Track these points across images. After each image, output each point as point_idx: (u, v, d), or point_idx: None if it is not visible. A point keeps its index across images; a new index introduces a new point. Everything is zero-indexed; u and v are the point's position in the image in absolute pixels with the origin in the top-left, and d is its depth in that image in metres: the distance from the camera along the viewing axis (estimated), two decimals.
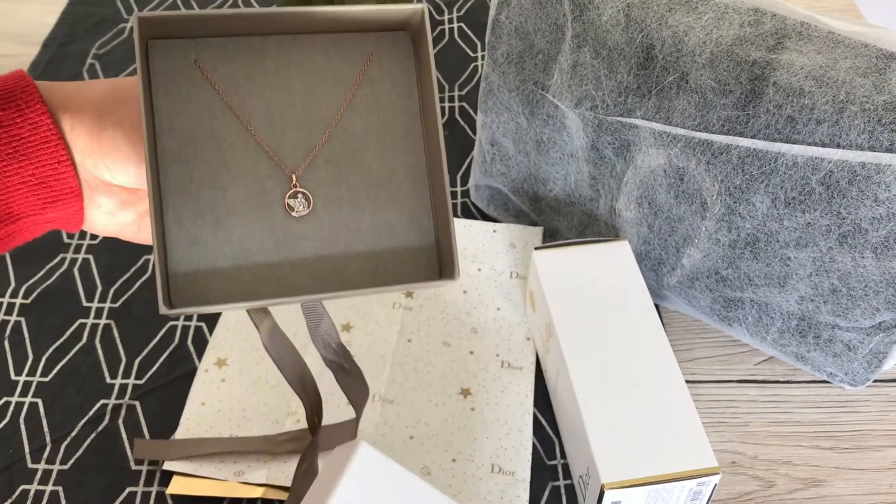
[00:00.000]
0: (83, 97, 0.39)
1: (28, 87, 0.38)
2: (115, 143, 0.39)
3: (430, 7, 0.85)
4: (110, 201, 0.41)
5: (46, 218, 0.39)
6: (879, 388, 0.57)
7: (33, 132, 0.38)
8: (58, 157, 0.38)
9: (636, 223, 0.56)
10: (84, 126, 0.39)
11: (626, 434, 0.46)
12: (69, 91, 0.40)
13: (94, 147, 0.39)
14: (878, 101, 0.44)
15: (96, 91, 0.40)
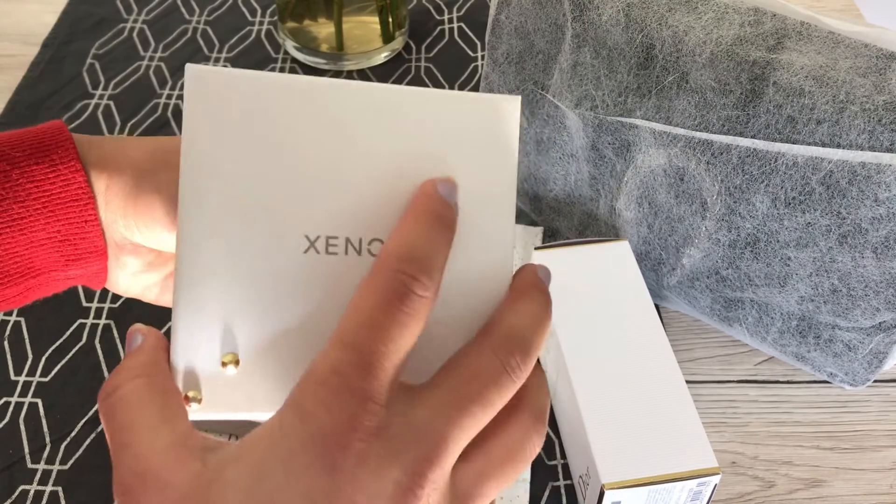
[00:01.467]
0: (123, 157, 0.38)
1: (65, 141, 0.37)
2: (150, 207, 0.37)
3: (430, 7, 0.86)
4: (137, 261, 0.40)
5: (68, 275, 0.38)
6: (880, 388, 0.57)
7: (64, 189, 0.37)
8: (86, 217, 0.37)
9: (636, 223, 0.56)
10: (121, 187, 0.38)
11: (626, 434, 0.46)
12: (109, 149, 0.38)
13: (129, 209, 0.38)
14: (879, 101, 0.44)
15: (137, 151, 0.39)
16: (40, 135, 0.37)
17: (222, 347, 0.30)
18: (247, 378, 0.30)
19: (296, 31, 0.78)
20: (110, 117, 0.74)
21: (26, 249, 0.36)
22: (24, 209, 0.36)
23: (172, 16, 0.84)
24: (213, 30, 0.83)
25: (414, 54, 0.80)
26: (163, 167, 0.38)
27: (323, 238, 0.31)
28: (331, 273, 0.30)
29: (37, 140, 0.37)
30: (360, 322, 0.27)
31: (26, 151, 0.36)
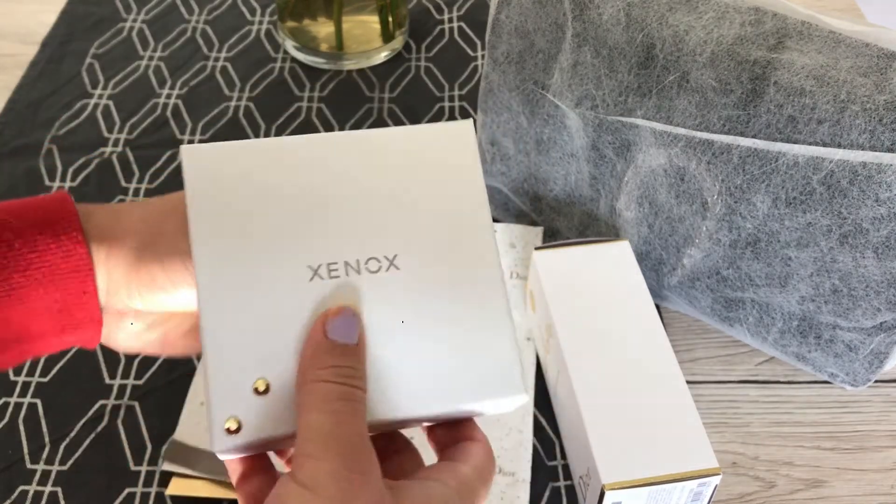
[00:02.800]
0: (121, 228, 0.38)
1: (69, 214, 0.37)
2: (152, 276, 0.38)
3: (430, 6, 0.85)
4: (139, 323, 0.40)
5: (63, 340, 0.39)
6: (881, 388, 0.57)
7: (66, 260, 0.37)
8: (85, 288, 0.37)
9: (636, 223, 0.56)
10: (121, 259, 0.38)
11: (626, 434, 0.46)
12: (106, 220, 0.39)
13: (132, 278, 0.38)
14: (880, 100, 0.44)
15: (133, 221, 0.39)
16: (45, 205, 0.38)
17: (252, 375, 0.33)
18: (280, 399, 0.33)
19: (295, 31, 0.78)
20: (109, 117, 0.73)
21: (24, 317, 0.37)
22: (25, 278, 0.36)
23: (172, 15, 0.84)
24: (213, 29, 0.82)
25: (414, 54, 0.80)
26: (160, 237, 0.38)
27: (324, 266, 0.35)
28: (337, 293, 0.34)
29: (41, 210, 0.37)
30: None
31: (29, 221, 0.37)
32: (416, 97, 0.76)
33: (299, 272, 0.34)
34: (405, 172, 0.37)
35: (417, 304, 0.35)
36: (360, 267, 0.35)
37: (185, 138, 0.72)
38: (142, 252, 0.38)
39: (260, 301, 0.34)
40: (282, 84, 0.77)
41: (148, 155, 0.70)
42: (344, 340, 0.33)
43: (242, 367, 0.33)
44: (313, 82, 0.77)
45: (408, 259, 0.35)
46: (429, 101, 0.76)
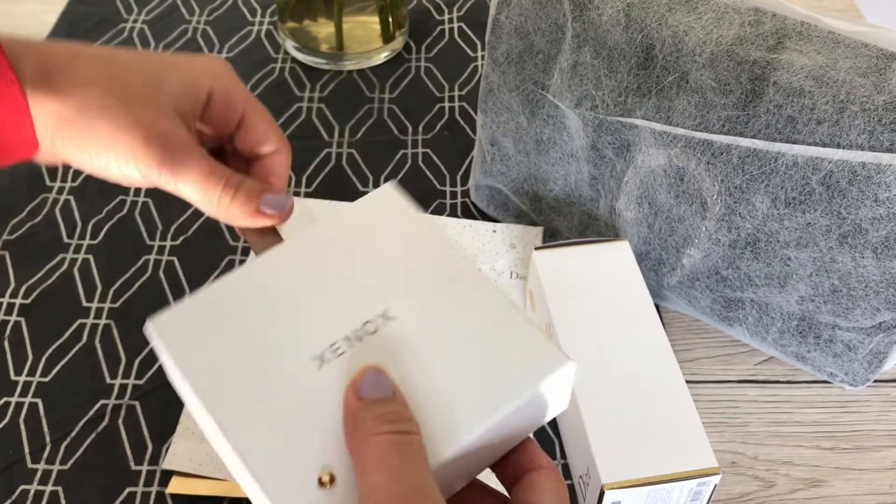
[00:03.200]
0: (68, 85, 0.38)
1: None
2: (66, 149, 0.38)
3: (430, 6, 0.86)
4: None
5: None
6: (880, 388, 0.57)
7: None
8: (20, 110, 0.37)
9: (636, 223, 0.56)
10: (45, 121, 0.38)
11: (626, 434, 0.46)
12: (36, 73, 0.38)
13: (49, 141, 0.38)
14: (879, 100, 0.44)
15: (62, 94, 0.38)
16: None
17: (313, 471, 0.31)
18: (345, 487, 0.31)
19: (296, 31, 0.78)
20: None
21: None
22: None
23: (172, 16, 0.84)
24: (213, 30, 0.83)
25: (414, 54, 0.80)
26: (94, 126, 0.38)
27: (327, 349, 0.34)
28: (350, 367, 0.34)
29: None
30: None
31: None
32: (416, 97, 0.76)
33: (306, 367, 0.34)
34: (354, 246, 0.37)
35: (426, 336, 0.35)
36: (362, 335, 0.35)
37: None
38: (62, 125, 0.38)
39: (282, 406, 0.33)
40: (282, 84, 0.77)
41: None
42: (379, 395, 0.32)
43: (297, 467, 0.31)
44: (313, 83, 0.77)
45: (397, 306, 0.36)
46: (429, 101, 0.76)
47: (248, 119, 0.42)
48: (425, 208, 0.67)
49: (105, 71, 0.39)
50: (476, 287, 0.36)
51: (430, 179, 0.69)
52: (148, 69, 0.40)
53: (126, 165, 0.38)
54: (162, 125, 0.39)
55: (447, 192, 0.68)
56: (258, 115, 0.42)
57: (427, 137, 0.73)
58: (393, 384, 0.32)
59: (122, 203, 0.67)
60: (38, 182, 0.68)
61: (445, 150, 0.72)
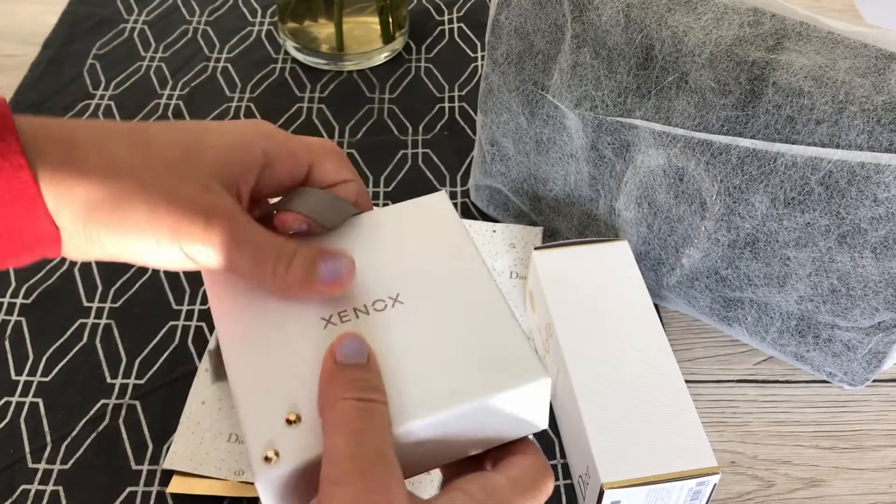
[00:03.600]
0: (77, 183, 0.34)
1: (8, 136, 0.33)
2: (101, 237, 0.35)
3: (430, 7, 0.86)
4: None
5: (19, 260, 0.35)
6: (879, 387, 0.57)
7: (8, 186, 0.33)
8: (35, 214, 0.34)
9: (636, 223, 0.56)
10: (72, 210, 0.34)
11: (625, 434, 0.46)
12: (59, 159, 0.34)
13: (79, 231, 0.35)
14: (878, 101, 0.44)
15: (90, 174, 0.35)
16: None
17: (283, 409, 0.35)
18: (311, 426, 0.34)
19: (296, 32, 0.78)
20: (111, 117, 0.74)
21: None
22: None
23: (173, 16, 0.84)
24: (214, 30, 0.83)
25: (414, 55, 0.81)
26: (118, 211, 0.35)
27: (335, 314, 0.38)
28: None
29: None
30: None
31: None
32: (416, 98, 0.76)
33: (313, 322, 0.37)
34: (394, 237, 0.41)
35: (424, 324, 0.37)
36: (368, 309, 0.38)
37: None
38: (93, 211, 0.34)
39: (280, 349, 0.36)
40: (282, 85, 0.77)
41: None
42: (354, 360, 0.33)
43: (272, 403, 0.35)
44: (314, 83, 0.77)
45: (409, 294, 0.38)
46: (429, 101, 0.76)
47: (317, 165, 0.40)
48: None
49: (137, 146, 0.36)
50: (487, 295, 0.38)
51: (430, 179, 0.70)
52: (185, 139, 0.37)
53: (169, 248, 0.35)
54: (205, 199, 0.35)
55: (447, 193, 0.69)
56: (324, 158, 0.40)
57: (427, 138, 0.73)
58: (369, 352, 0.34)
59: None
60: None
61: (445, 150, 0.72)
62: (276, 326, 0.37)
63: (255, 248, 0.36)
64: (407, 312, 0.38)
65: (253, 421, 0.34)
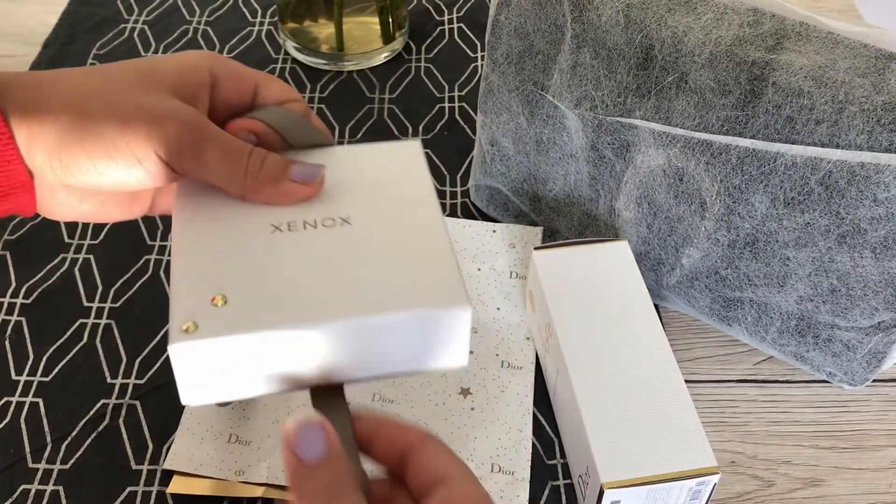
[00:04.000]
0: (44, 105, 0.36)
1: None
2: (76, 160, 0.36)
3: (430, 7, 0.86)
4: (71, 196, 0.39)
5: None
6: (879, 387, 0.57)
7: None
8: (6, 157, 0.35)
9: (636, 223, 0.56)
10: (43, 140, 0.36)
11: (625, 434, 0.46)
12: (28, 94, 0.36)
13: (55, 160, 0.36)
14: (878, 101, 0.44)
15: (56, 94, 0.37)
16: None
17: (212, 291, 0.37)
18: (235, 310, 0.36)
19: (296, 32, 0.78)
20: None
21: None
22: None
23: (173, 16, 0.84)
24: (214, 30, 0.83)
25: (414, 55, 0.81)
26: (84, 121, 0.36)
27: (285, 224, 0.39)
28: (293, 241, 0.39)
29: None
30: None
31: None
32: (416, 98, 0.76)
33: (263, 227, 0.39)
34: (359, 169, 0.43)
35: (365, 245, 0.39)
36: (316, 224, 0.40)
37: None
38: (65, 136, 0.36)
39: (222, 242, 0.39)
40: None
41: None
42: (314, 455, 0.32)
43: (203, 284, 0.37)
44: (314, 83, 0.78)
45: (358, 218, 0.40)
46: (429, 101, 0.76)
47: (262, 85, 0.41)
48: None
49: (95, 75, 0.38)
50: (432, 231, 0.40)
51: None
52: (138, 65, 0.39)
53: (144, 157, 0.37)
54: (168, 105, 0.37)
55: (447, 192, 0.69)
56: (269, 80, 0.42)
57: (427, 138, 0.73)
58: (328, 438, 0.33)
59: None
60: None
61: (445, 150, 0.72)
62: (226, 225, 0.39)
63: (226, 147, 0.38)
64: (352, 232, 0.39)
65: (180, 296, 0.36)
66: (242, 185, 0.38)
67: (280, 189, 0.39)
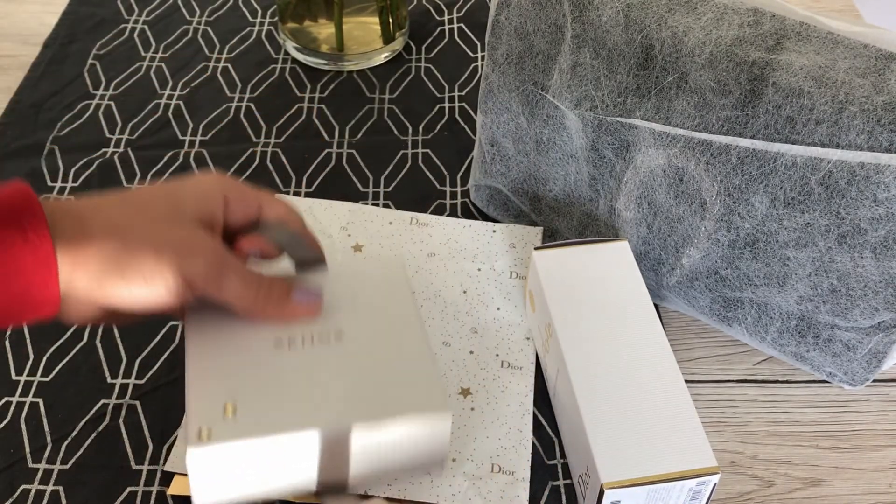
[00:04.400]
0: (87, 239, 0.41)
1: (35, 211, 0.39)
2: (116, 291, 0.41)
3: (430, 7, 0.86)
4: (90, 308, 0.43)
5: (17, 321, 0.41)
6: (879, 387, 0.57)
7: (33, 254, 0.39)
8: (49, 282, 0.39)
9: (636, 223, 0.56)
10: (85, 275, 0.41)
11: (625, 434, 0.46)
12: (72, 229, 0.40)
13: (94, 292, 0.41)
14: (877, 101, 0.44)
15: (98, 227, 0.41)
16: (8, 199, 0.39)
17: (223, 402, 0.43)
18: (240, 419, 0.42)
19: (296, 32, 0.78)
20: (111, 118, 0.74)
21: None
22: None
23: (173, 16, 0.84)
24: (214, 30, 0.83)
25: (414, 55, 0.81)
26: (124, 254, 0.41)
27: (286, 339, 0.46)
28: (293, 355, 0.46)
29: (6, 204, 0.39)
30: None
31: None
32: (416, 98, 0.76)
33: (265, 341, 0.46)
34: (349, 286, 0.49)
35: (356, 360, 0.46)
36: (313, 339, 0.46)
37: (187, 139, 0.72)
38: (106, 266, 0.41)
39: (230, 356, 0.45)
40: (282, 85, 0.77)
41: (149, 155, 0.71)
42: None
43: (215, 397, 0.43)
44: (314, 83, 0.78)
45: (350, 331, 0.47)
46: (429, 101, 0.76)
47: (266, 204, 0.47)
48: (425, 209, 0.67)
49: (130, 207, 0.43)
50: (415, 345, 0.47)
51: (430, 179, 0.70)
52: (167, 195, 0.44)
53: (175, 283, 0.42)
54: (195, 238, 0.43)
55: (447, 193, 0.69)
56: (271, 199, 0.48)
57: (427, 138, 0.73)
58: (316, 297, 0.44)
59: None
60: (40, 182, 0.68)
61: (445, 150, 0.72)
62: (234, 342, 0.45)
63: (242, 275, 0.44)
64: (345, 347, 0.46)
65: (196, 408, 0.42)
66: (253, 307, 0.45)
67: (284, 311, 0.46)
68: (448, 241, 0.64)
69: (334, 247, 0.63)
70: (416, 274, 0.61)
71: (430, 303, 0.60)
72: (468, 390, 0.55)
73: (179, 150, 0.71)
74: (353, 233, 0.64)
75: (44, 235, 0.38)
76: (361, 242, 0.63)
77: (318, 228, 0.64)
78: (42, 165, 0.69)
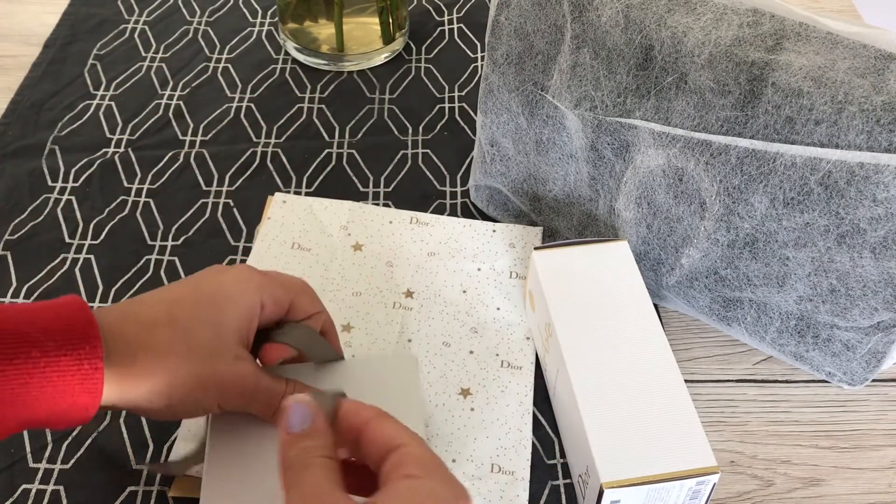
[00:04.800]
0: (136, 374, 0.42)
1: (93, 338, 0.40)
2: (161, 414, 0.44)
3: (430, 8, 0.86)
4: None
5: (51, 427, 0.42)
6: (878, 387, 0.57)
7: (82, 384, 0.40)
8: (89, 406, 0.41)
9: (635, 223, 0.56)
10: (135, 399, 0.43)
11: (625, 433, 0.46)
12: (124, 359, 0.42)
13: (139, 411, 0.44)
14: (877, 101, 0.44)
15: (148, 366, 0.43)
16: (69, 324, 0.40)
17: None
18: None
19: (296, 32, 0.78)
20: (111, 118, 0.74)
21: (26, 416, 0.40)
22: (41, 393, 0.39)
23: (173, 17, 0.84)
24: (214, 31, 0.83)
25: (414, 55, 0.81)
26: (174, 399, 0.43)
27: None
28: None
29: (66, 330, 0.40)
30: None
31: (57, 341, 0.39)
32: (416, 98, 0.76)
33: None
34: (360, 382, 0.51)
35: None
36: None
37: (187, 139, 0.72)
38: (153, 399, 0.43)
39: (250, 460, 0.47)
40: (283, 85, 0.77)
41: (150, 155, 0.71)
42: (300, 427, 0.38)
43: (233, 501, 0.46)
44: (314, 83, 0.78)
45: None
46: (429, 102, 0.76)
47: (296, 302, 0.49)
48: (425, 209, 0.67)
49: (177, 334, 0.44)
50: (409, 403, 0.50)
51: (430, 180, 0.70)
52: (208, 318, 0.45)
53: (212, 409, 0.45)
54: (236, 371, 0.45)
55: (447, 193, 0.69)
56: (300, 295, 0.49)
57: (427, 138, 0.73)
58: (315, 413, 0.39)
59: (123, 203, 0.67)
60: (40, 182, 0.68)
61: (445, 150, 0.72)
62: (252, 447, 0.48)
63: (268, 398, 0.47)
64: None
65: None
66: (268, 419, 0.47)
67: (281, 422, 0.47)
68: (448, 241, 0.64)
69: (334, 246, 0.63)
70: (416, 273, 0.62)
71: (430, 302, 0.60)
72: (468, 390, 0.55)
73: (180, 151, 0.71)
74: (353, 232, 0.64)
75: (98, 368, 0.40)
76: (361, 241, 0.63)
77: (319, 228, 0.64)
78: (42, 165, 0.70)
